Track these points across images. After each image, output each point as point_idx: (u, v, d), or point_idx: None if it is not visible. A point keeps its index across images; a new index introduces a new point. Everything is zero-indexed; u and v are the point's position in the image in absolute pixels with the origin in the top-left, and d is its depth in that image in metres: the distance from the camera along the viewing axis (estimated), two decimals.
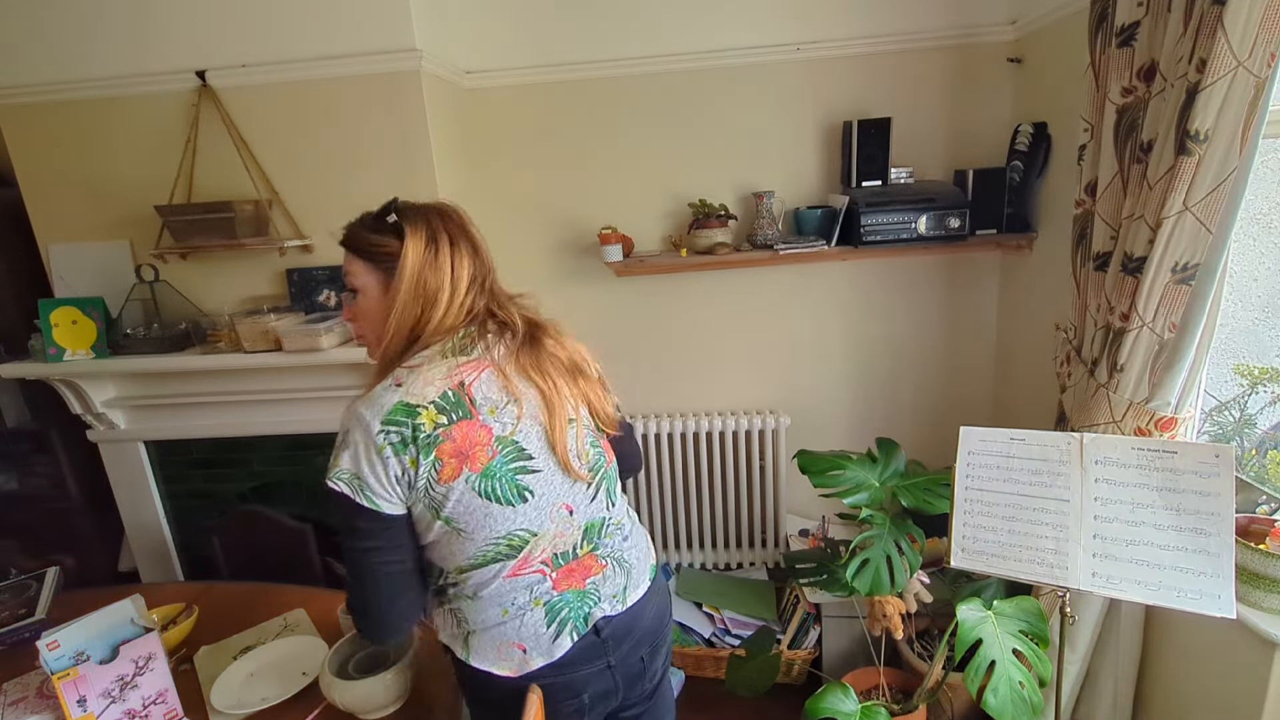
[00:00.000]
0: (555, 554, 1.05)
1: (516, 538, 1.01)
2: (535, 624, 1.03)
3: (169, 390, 2.23)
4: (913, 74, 2.23)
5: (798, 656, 2.23)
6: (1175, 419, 1.47)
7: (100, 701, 1.13)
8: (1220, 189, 1.27)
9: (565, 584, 1.06)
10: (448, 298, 1.02)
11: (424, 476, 0.95)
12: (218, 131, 2.02)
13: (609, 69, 2.27)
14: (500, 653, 1.03)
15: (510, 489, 1.00)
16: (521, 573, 1.02)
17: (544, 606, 1.04)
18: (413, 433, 0.94)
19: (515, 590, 1.02)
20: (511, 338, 1.05)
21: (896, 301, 2.44)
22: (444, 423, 0.96)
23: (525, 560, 1.02)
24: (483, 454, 0.98)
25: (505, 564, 1.01)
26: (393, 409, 0.95)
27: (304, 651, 1.38)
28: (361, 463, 0.96)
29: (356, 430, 0.96)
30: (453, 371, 0.99)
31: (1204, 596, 1.18)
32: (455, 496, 0.97)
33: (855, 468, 1.79)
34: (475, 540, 1.00)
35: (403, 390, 0.97)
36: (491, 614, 1.03)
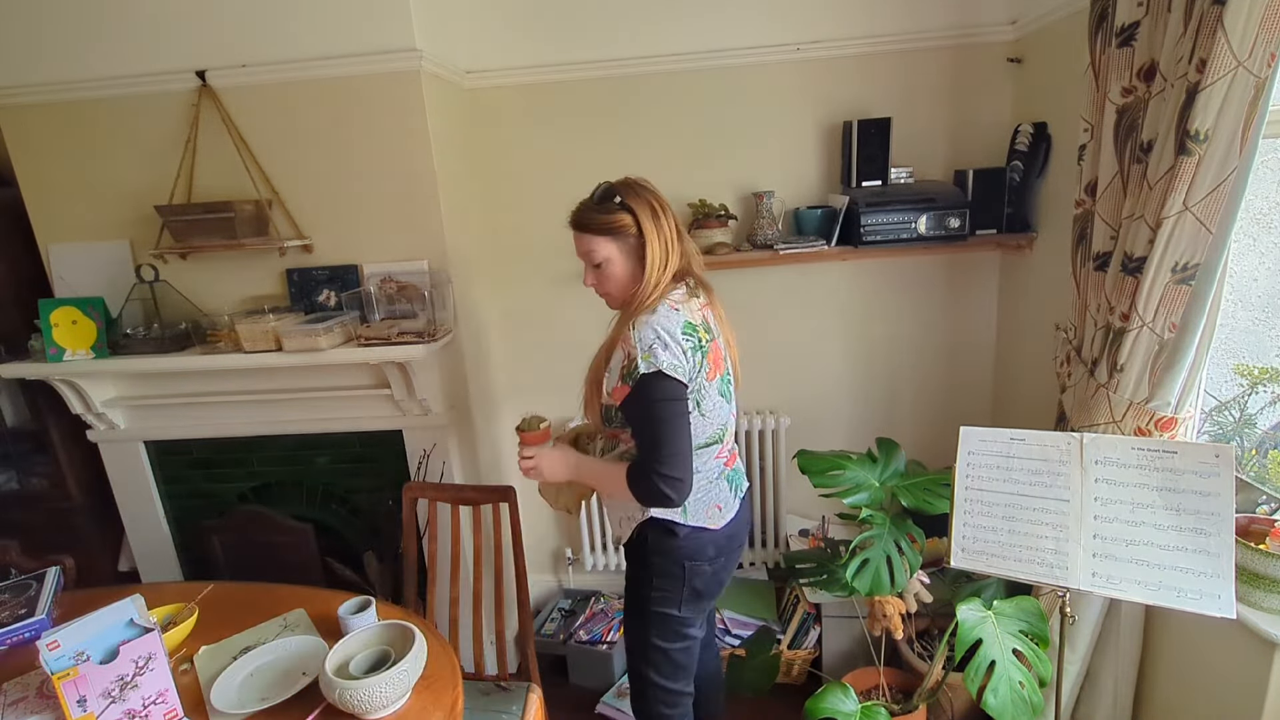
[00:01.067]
0: (730, 445, 1.47)
1: (725, 428, 1.42)
2: (724, 490, 1.44)
3: (169, 390, 2.23)
4: (913, 74, 2.23)
5: (798, 656, 2.23)
6: (1175, 419, 1.47)
7: (100, 701, 1.13)
8: (1220, 189, 1.27)
9: (730, 463, 1.47)
10: (678, 250, 1.36)
11: (700, 372, 1.32)
12: (218, 131, 2.02)
13: (609, 69, 2.27)
14: (707, 512, 1.40)
15: (728, 391, 1.42)
16: (721, 455, 1.43)
17: (725, 479, 1.44)
18: (698, 341, 1.31)
19: (714, 465, 1.42)
20: (704, 289, 1.42)
21: (896, 301, 2.44)
22: (708, 339, 1.35)
23: (725, 445, 1.44)
24: (722, 364, 1.40)
25: (717, 447, 1.41)
26: (684, 324, 1.30)
27: (304, 651, 1.38)
28: (676, 355, 1.26)
29: (664, 334, 1.27)
30: (701, 307, 1.39)
31: (1204, 596, 1.18)
32: (708, 391, 1.35)
33: (855, 468, 1.79)
34: (710, 425, 1.37)
35: (681, 314, 1.31)
36: (702, 484, 1.37)
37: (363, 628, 1.31)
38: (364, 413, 2.19)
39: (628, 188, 1.35)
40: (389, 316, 2.08)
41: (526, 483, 2.66)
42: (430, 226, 2.07)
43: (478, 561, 1.94)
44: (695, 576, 1.42)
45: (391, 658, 1.23)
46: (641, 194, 1.35)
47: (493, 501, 1.80)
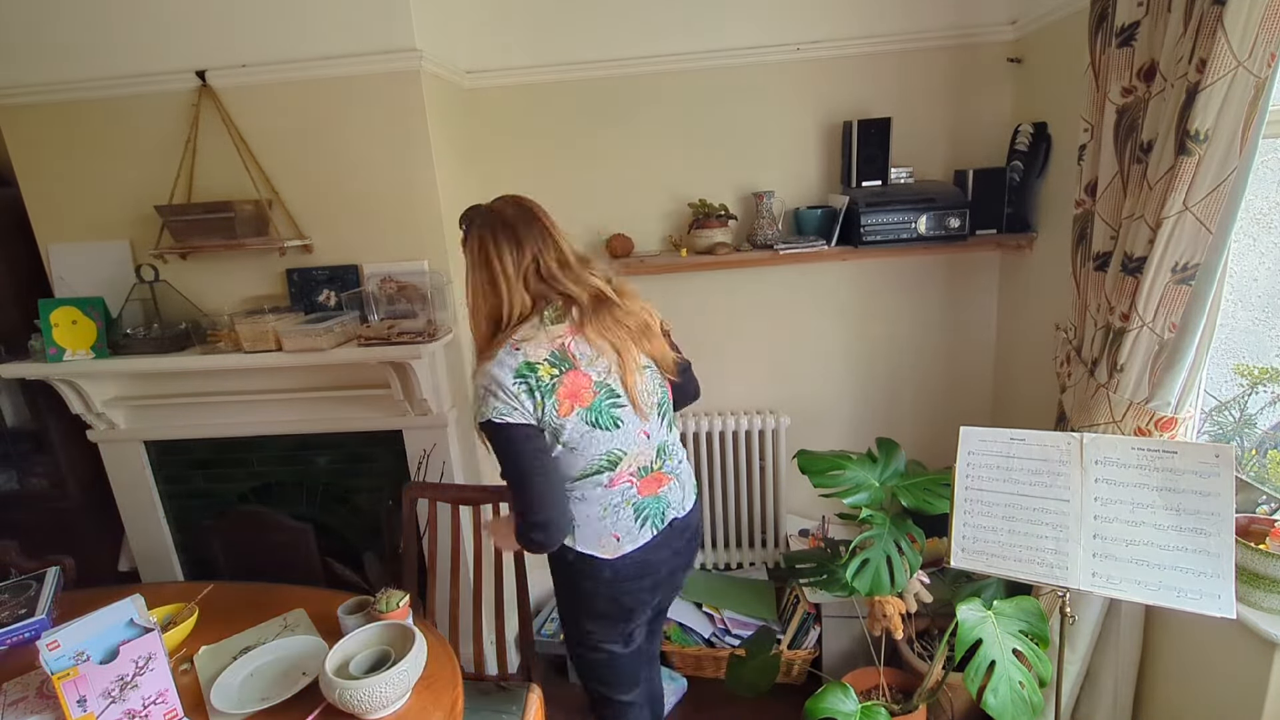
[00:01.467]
0: (639, 468, 1.37)
1: (614, 455, 1.32)
2: (624, 519, 1.36)
3: (169, 390, 2.23)
4: (913, 74, 2.23)
5: (798, 656, 2.23)
6: (1175, 419, 1.47)
7: (100, 701, 1.13)
8: (1220, 189, 1.27)
9: (645, 490, 1.38)
10: (506, 288, 1.28)
11: (548, 412, 1.24)
12: (218, 131, 2.02)
13: (609, 69, 2.27)
14: (600, 541, 1.35)
15: (608, 419, 1.31)
16: (618, 483, 1.34)
17: (632, 506, 1.36)
18: (535, 382, 1.23)
19: (611, 495, 1.34)
20: (578, 310, 1.30)
21: (896, 301, 2.44)
22: (555, 374, 1.25)
23: (620, 472, 1.34)
24: (587, 394, 1.28)
25: (603, 476, 1.33)
26: (519, 368, 1.23)
27: (304, 651, 1.38)
28: (506, 401, 1.23)
29: (494, 384, 1.23)
30: (554, 338, 1.28)
31: (1204, 596, 1.18)
32: (570, 425, 1.27)
33: (855, 468, 1.79)
34: (585, 457, 1.30)
35: (521, 353, 1.25)
36: (594, 511, 1.34)
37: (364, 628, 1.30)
38: (364, 413, 2.19)
39: (473, 216, 1.34)
40: (389, 316, 2.08)
41: None
42: (430, 226, 2.07)
43: (478, 561, 1.94)
44: (595, 600, 1.40)
45: (391, 658, 1.23)
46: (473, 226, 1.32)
47: (493, 501, 1.80)
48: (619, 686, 1.55)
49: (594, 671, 1.54)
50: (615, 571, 1.36)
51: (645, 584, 1.41)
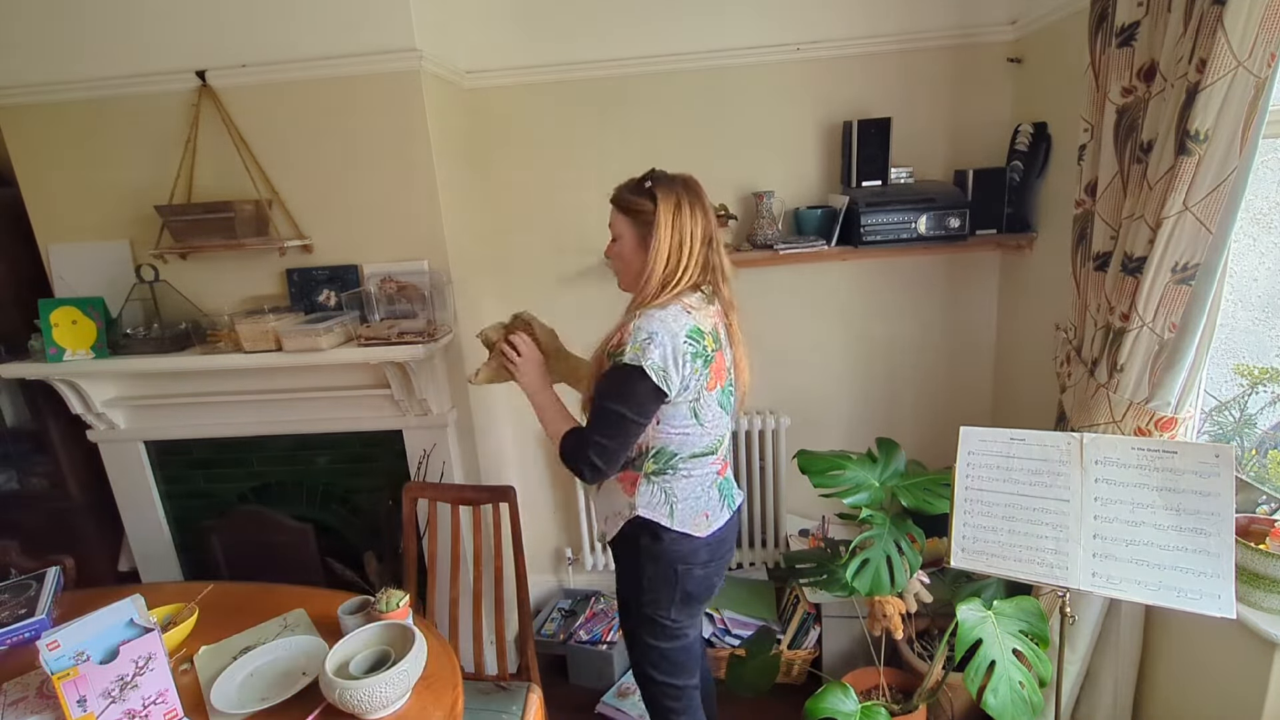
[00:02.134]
0: (724, 456, 1.47)
1: (721, 439, 1.43)
2: (714, 499, 1.44)
3: (169, 390, 2.23)
4: (913, 74, 2.23)
5: (798, 656, 2.23)
6: (1175, 419, 1.47)
7: (100, 701, 1.13)
8: (1220, 189, 1.27)
9: (722, 472, 1.47)
10: (689, 251, 1.33)
11: (700, 380, 1.32)
12: (218, 131, 2.02)
13: (609, 69, 2.27)
14: (694, 520, 1.41)
15: (727, 403, 1.42)
16: (715, 464, 1.43)
17: (717, 487, 1.45)
18: (702, 348, 1.31)
19: (708, 474, 1.42)
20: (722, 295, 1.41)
21: (896, 301, 2.44)
22: (714, 348, 1.35)
23: (718, 457, 1.44)
24: (724, 375, 1.40)
25: (712, 456, 1.41)
26: (691, 329, 1.31)
27: (304, 651, 1.38)
28: (669, 358, 1.27)
29: (664, 334, 1.27)
30: (715, 314, 1.38)
31: (1204, 596, 1.18)
32: (707, 401, 1.35)
33: (855, 468, 1.79)
34: (708, 435, 1.39)
35: (692, 317, 1.32)
36: (695, 489, 1.40)
37: (364, 628, 1.30)
38: (364, 413, 2.19)
39: (664, 179, 1.36)
40: (389, 316, 2.08)
41: (526, 482, 2.68)
42: (430, 226, 2.07)
43: (478, 561, 1.94)
44: (687, 581, 1.43)
45: (391, 658, 1.23)
46: (673, 188, 1.33)
47: (493, 501, 1.80)
48: (689, 671, 1.54)
49: (669, 662, 1.50)
50: (709, 550, 1.43)
51: (725, 561, 1.49)
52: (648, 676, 1.54)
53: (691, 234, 1.33)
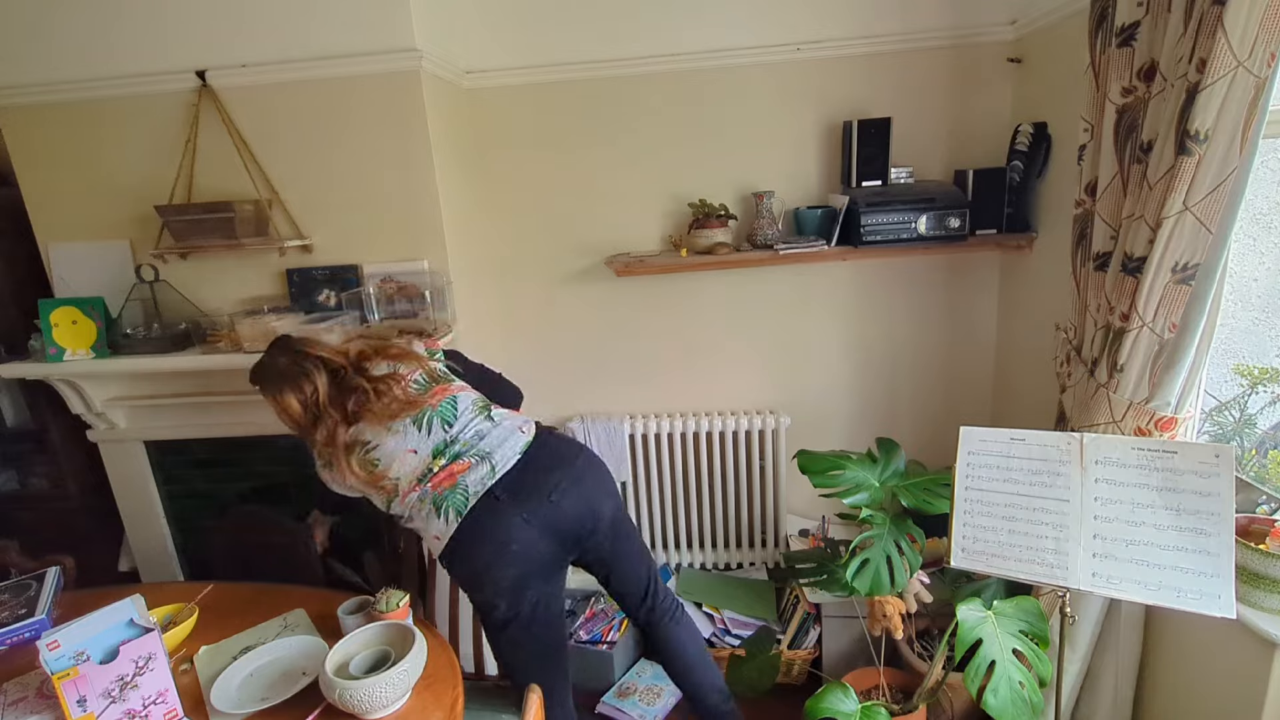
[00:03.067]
0: (418, 477, 1.49)
1: (391, 483, 1.49)
2: (430, 518, 1.48)
3: (169, 390, 2.22)
4: (913, 74, 2.23)
5: (798, 656, 2.23)
6: (1175, 419, 1.47)
7: (100, 701, 1.13)
8: (1220, 189, 1.27)
9: (439, 486, 1.48)
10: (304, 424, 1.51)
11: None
12: (218, 131, 2.02)
13: (609, 69, 2.27)
14: (434, 544, 1.50)
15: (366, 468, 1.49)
16: (407, 498, 1.49)
17: (430, 503, 1.48)
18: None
19: (410, 506, 1.49)
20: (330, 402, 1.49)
21: (896, 301, 2.44)
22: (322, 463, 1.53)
23: (404, 493, 1.49)
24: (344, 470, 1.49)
25: (394, 498, 1.50)
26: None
27: (304, 651, 1.38)
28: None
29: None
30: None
31: (1204, 596, 1.18)
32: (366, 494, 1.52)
33: (855, 468, 1.79)
34: (375, 498, 1.52)
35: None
36: (417, 525, 1.52)
37: (364, 628, 1.30)
38: None
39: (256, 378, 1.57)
40: (389, 316, 2.08)
41: None
42: (430, 226, 2.07)
43: None
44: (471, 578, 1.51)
45: (391, 658, 1.23)
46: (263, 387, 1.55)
47: None
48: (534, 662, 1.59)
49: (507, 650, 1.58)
50: (459, 552, 1.47)
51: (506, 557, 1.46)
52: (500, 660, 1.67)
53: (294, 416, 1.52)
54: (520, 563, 1.48)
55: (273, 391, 1.50)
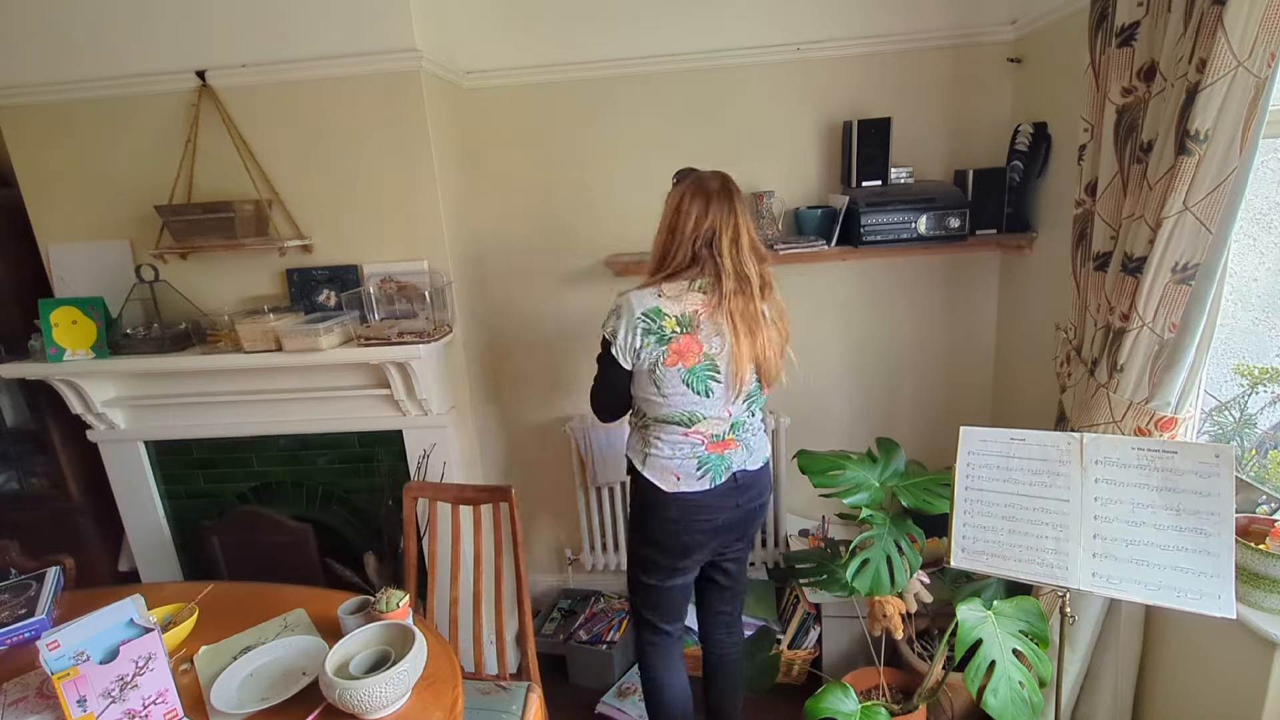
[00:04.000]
0: (712, 434, 1.56)
1: (694, 416, 1.53)
2: (689, 466, 1.56)
3: (169, 390, 2.23)
4: (913, 74, 2.23)
5: (798, 656, 2.23)
6: (1175, 419, 1.47)
7: (100, 701, 1.13)
8: (1220, 189, 1.27)
9: (713, 449, 1.56)
10: (676, 242, 1.50)
11: (651, 354, 1.48)
12: (218, 131, 2.02)
13: (609, 69, 2.27)
14: (662, 475, 1.57)
15: (701, 385, 1.51)
16: (689, 436, 1.55)
17: (697, 459, 1.56)
18: (656, 326, 1.47)
19: (683, 443, 1.55)
20: (721, 289, 1.48)
21: (896, 301, 2.44)
22: (676, 330, 1.48)
23: (694, 430, 1.54)
24: (691, 358, 1.49)
25: (679, 428, 1.54)
26: (651, 309, 1.48)
27: (304, 651, 1.38)
28: (623, 330, 1.49)
29: (625, 311, 1.49)
30: (691, 304, 1.49)
31: (1204, 596, 1.18)
32: (667, 375, 1.49)
33: (855, 468, 1.79)
34: (668, 406, 1.53)
35: (661, 301, 1.49)
36: (665, 450, 1.56)
37: (364, 628, 1.30)
38: (364, 413, 2.19)
39: (684, 176, 1.55)
40: (389, 316, 2.08)
41: (526, 482, 2.67)
42: (430, 226, 2.07)
43: (478, 561, 1.94)
44: (653, 525, 1.61)
45: (391, 658, 1.23)
46: (682, 186, 1.51)
47: (493, 501, 1.80)
48: (662, 614, 1.71)
49: (641, 594, 1.71)
50: (678, 508, 1.56)
51: (702, 525, 1.59)
52: (630, 603, 1.78)
53: (681, 227, 1.49)
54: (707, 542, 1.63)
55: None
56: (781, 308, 1.60)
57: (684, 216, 1.48)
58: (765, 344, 1.52)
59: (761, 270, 1.53)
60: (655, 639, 1.74)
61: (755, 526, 1.74)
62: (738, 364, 1.50)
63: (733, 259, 1.48)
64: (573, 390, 2.58)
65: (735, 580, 1.80)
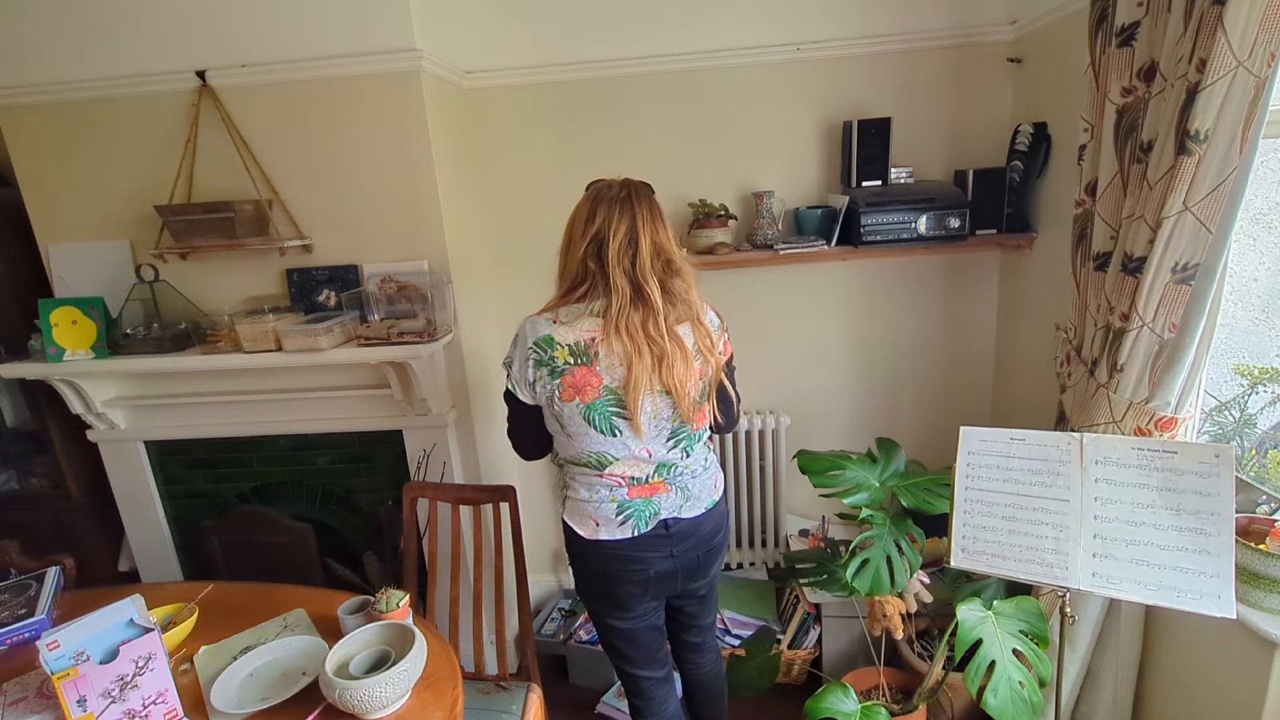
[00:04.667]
0: (632, 476, 1.40)
1: (603, 458, 1.38)
2: (608, 510, 1.41)
3: (169, 390, 2.23)
4: (913, 74, 2.23)
5: (798, 656, 2.23)
6: (1175, 419, 1.47)
7: (100, 701, 1.13)
8: (1220, 189, 1.27)
9: (636, 494, 1.41)
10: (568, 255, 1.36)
11: (546, 389, 1.34)
12: (218, 131, 2.02)
13: (609, 69, 2.27)
14: (581, 520, 1.43)
15: (604, 423, 1.35)
16: (605, 478, 1.39)
17: (616, 503, 1.40)
18: (549, 359, 1.32)
19: (599, 485, 1.40)
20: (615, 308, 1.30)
21: (896, 301, 2.44)
22: (571, 362, 1.31)
23: (607, 473, 1.39)
24: (591, 392, 1.33)
25: (598, 469, 1.39)
26: (541, 339, 1.32)
27: (304, 651, 1.38)
28: (516, 361, 1.37)
29: (520, 338, 1.36)
30: (587, 330, 1.32)
31: (1204, 596, 1.18)
32: (568, 412, 1.34)
33: (855, 468, 1.79)
34: (575, 446, 1.38)
35: (555, 327, 1.33)
36: (583, 492, 1.42)
37: (364, 628, 1.30)
38: (364, 413, 2.19)
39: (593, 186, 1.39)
40: (389, 316, 2.08)
41: (526, 482, 2.67)
42: (430, 226, 2.07)
43: (478, 561, 1.95)
44: (576, 574, 1.52)
45: (391, 658, 1.23)
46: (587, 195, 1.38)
47: (493, 501, 1.80)
48: (627, 660, 1.59)
49: (605, 640, 1.60)
50: (598, 557, 1.43)
51: (631, 576, 1.44)
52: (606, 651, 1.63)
53: (573, 235, 1.35)
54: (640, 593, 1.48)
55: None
56: (711, 332, 1.39)
57: (573, 225, 1.35)
58: (679, 370, 1.31)
59: (670, 285, 1.33)
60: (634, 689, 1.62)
61: (706, 573, 1.54)
62: (634, 392, 1.30)
63: (623, 270, 1.29)
64: None
65: (697, 617, 1.64)
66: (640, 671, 1.59)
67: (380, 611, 1.38)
